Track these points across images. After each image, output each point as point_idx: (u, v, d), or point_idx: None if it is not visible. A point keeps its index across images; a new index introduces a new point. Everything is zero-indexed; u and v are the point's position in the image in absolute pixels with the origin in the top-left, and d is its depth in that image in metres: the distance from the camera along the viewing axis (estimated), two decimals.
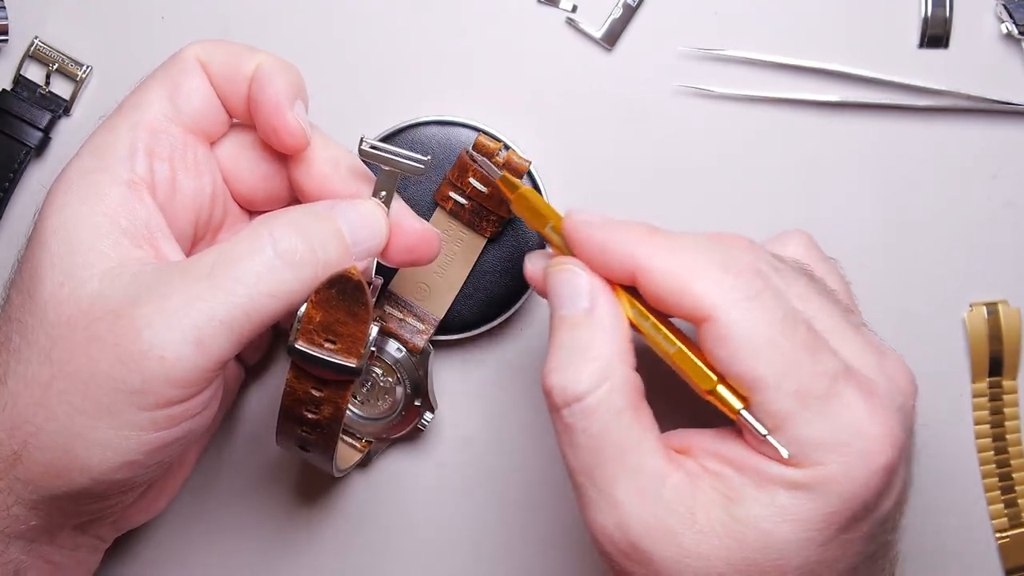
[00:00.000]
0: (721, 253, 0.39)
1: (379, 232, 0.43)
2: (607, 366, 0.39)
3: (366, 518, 0.54)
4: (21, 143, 0.51)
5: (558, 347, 0.40)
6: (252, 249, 0.40)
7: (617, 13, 0.52)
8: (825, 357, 0.38)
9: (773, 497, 0.37)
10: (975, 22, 0.52)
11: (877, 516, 0.38)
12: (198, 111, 0.44)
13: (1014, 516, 0.53)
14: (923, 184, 0.52)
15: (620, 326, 0.40)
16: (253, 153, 0.45)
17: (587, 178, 0.52)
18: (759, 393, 0.37)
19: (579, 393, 0.39)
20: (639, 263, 0.39)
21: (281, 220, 0.41)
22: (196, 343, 0.38)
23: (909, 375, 0.41)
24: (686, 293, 0.38)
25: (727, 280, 0.38)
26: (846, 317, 0.40)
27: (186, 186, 0.44)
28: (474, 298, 0.51)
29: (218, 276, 0.39)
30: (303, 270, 0.40)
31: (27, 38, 0.52)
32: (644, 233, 0.40)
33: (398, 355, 0.50)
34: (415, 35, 0.52)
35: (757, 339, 0.37)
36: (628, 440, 0.38)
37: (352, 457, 0.51)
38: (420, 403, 0.51)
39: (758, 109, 0.52)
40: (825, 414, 0.37)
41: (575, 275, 0.41)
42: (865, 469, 0.37)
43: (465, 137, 0.50)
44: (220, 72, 0.44)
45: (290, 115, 0.43)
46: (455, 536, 0.54)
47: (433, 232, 0.45)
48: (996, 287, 0.53)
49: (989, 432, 0.53)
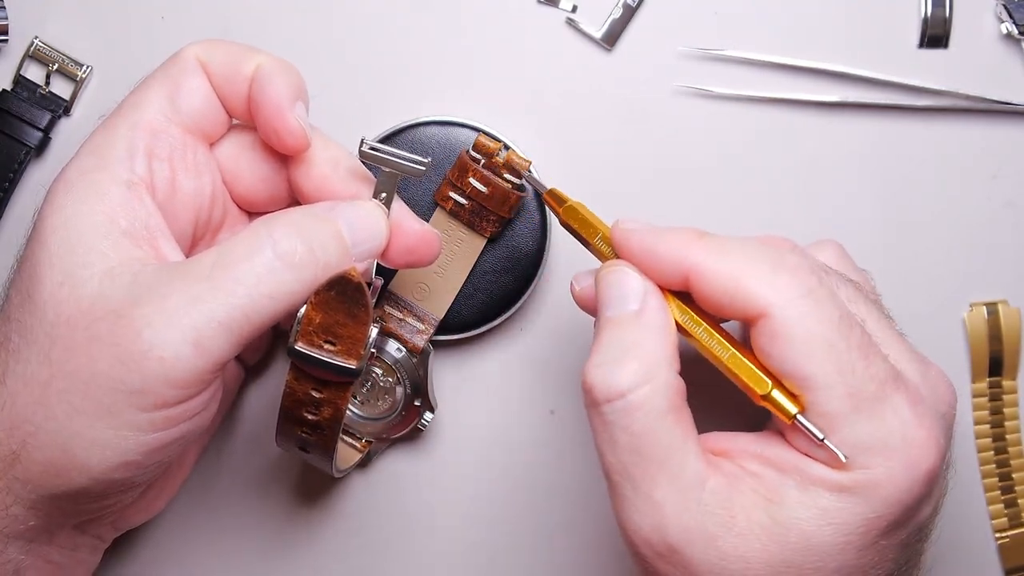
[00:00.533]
0: (772, 253, 0.39)
1: (379, 233, 0.43)
2: (653, 366, 0.39)
3: (366, 518, 0.54)
4: (21, 143, 0.51)
5: (603, 345, 0.40)
6: (252, 250, 0.39)
7: (617, 13, 0.52)
8: (877, 361, 0.38)
9: (816, 499, 0.37)
10: (975, 22, 0.52)
11: (916, 523, 0.39)
12: (198, 111, 0.44)
13: (1014, 516, 0.53)
14: (923, 184, 0.52)
15: (668, 330, 0.40)
16: (253, 154, 0.45)
17: (587, 178, 0.52)
18: (811, 392, 0.37)
19: (622, 390, 0.38)
20: (691, 265, 0.39)
21: (281, 221, 0.40)
22: (195, 344, 0.38)
23: (951, 386, 0.41)
24: (740, 291, 0.38)
25: (781, 278, 0.38)
26: (891, 324, 0.41)
27: (185, 186, 0.44)
28: (474, 298, 0.51)
29: (218, 277, 0.39)
30: (303, 271, 0.40)
31: (27, 38, 0.52)
32: (694, 236, 0.40)
33: (398, 355, 0.50)
34: (415, 35, 0.52)
35: (813, 337, 0.37)
36: (669, 442, 0.38)
37: (352, 457, 0.51)
38: (420, 403, 0.51)
39: (758, 109, 0.52)
40: (874, 417, 0.37)
41: (627, 276, 0.41)
42: (910, 475, 0.37)
43: (465, 137, 0.50)
44: (220, 72, 0.44)
45: (291, 116, 0.43)
46: (455, 536, 0.54)
47: (433, 233, 0.45)
48: (996, 287, 0.53)
49: (989, 432, 0.53)
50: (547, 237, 0.50)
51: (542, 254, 0.51)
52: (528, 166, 0.49)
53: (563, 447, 0.53)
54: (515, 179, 0.49)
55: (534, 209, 0.50)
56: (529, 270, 0.51)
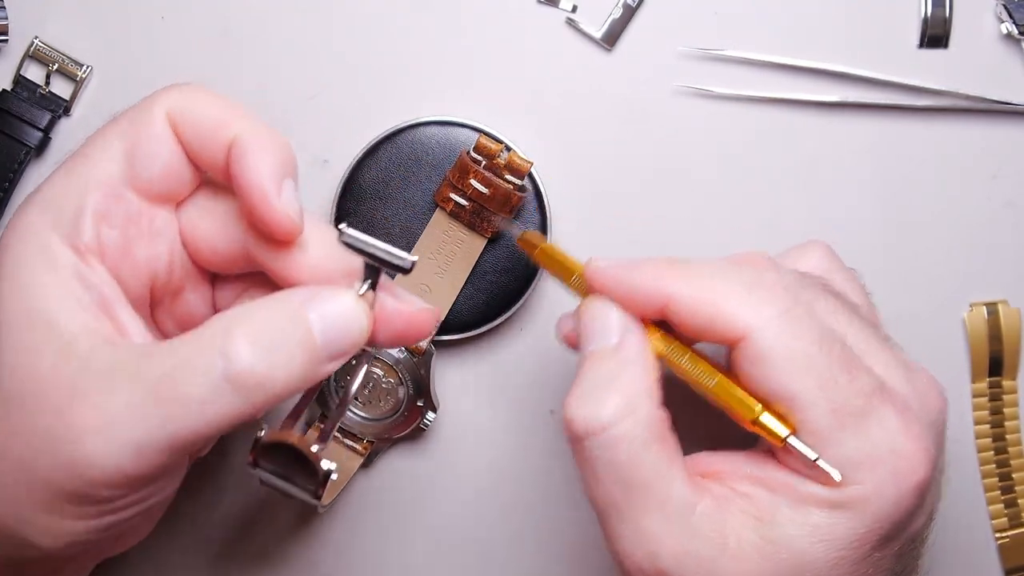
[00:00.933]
0: (746, 273, 0.39)
1: (357, 332, 0.38)
2: (633, 400, 0.38)
3: (368, 518, 0.54)
4: (21, 143, 0.51)
5: (583, 379, 0.40)
6: (200, 368, 0.36)
7: (617, 13, 0.52)
8: (861, 374, 0.37)
9: (807, 516, 0.37)
10: (975, 22, 0.52)
11: (909, 534, 0.38)
12: (159, 178, 0.40)
13: (1014, 516, 0.53)
14: (923, 184, 0.52)
15: (649, 362, 0.40)
16: (221, 218, 0.41)
17: (587, 178, 0.52)
18: (797, 412, 0.37)
19: (603, 424, 0.38)
20: (667, 293, 0.39)
21: (241, 328, 0.36)
22: (136, 456, 0.36)
23: (939, 390, 0.41)
24: (718, 316, 0.38)
25: (757, 299, 0.38)
26: (875, 332, 0.40)
27: (139, 254, 0.40)
28: (475, 298, 0.51)
29: (163, 393, 0.35)
30: (255, 394, 0.36)
31: (27, 38, 0.52)
32: (668, 265, 0.40)
33: (399, 355, 0.50)
34: (415, 35, 0.52)
35: (794, 355, 0.37)
36: (654, 472, 0.38)
37: (348, 472, 0.51)
38: (422, 403, 0.51)
39: (758, 109, 0.52)
40: (861, 432, 0.37)
41: (606, 310, 0.40)
42: (899, 487, 0.37)
43: (465, 137, 0.50)
44: (193, 134, 0.39)
45: (277, 202, 0.38)
46: (457, 535, 0.54)
47: (425, 314, 0.41)
48: (996, 287, 0.53)
49: (989, 432, 0.53)
50: (548, 237, 0.50)
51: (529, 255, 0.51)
52: (530, 167, 0.49)
53: (563, 447, 0.53)
54: (516, 180, 0.49)
55: (534, 209, 0.50)
56: (529, 270, 0.51)
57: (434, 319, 0.41)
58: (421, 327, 0.41)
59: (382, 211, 0.50)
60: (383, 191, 0.51)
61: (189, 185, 0.41)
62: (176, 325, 0.42)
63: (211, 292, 0.43)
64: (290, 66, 0.52)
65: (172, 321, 0.43)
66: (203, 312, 0.43)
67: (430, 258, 0.50)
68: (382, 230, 0.50)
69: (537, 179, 0.50)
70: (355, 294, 0.38)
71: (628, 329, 0.40)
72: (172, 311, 0.43)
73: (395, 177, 0.51)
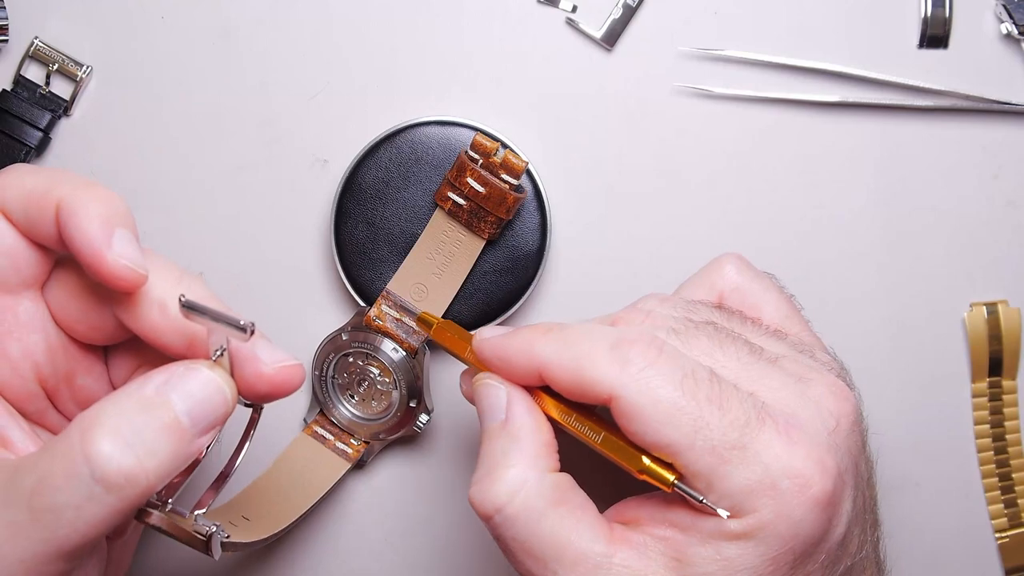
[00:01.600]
0: (610, 334, 0.39)
1: (222, 404, 0.38)
2: (522, 474, 0.39)
3: (362, 520, 0.54)
4: (21, 143, 0.51)
5: (481, 460, 0.41)
6: (67, 473, 0.35)
7: (617, 13, 0.52)
8: (733, 405, 0.38)
9: (719, 550, 0.38)
10: (975, 22, 0.52)
11: (829, 545, 0.38)
12: (6, 269, 0.39)
13: (1014, 516, 0.53)
14: (923, 184, 0.52)
15: (534, 433, 0.40)
16: (83, 290, 0.40)
17: (587, 178, 0.52)
18: (677, 457, 0.38)
19: (499, 504, 0.39)
20: (540, 361, 0.40)
21: (99, 428, 0.35)
22: (28, 573, 0.35)
23: (840, 392, 0.40)
24: (585, 380, 0.39)
25: (619, 357, 0.38)
26: (758, 357, 0.40)
27: (13, 350, 0.40)
28: (474, 298, 0.51)
29: (36, 507, 0.35)
30: (128, 490, 0.35)
31: (27, 38, 0.52)
32: (540, 333, 0.41)
33: (395, 356, 0.50)
34: (415, 35, 0.52)
35: (660, 406, 0.37)
36: (560, 536, 0.39)
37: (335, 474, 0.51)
38: (416, 404, 0.51)
39: (758, 109, 0.52)
40: (745, 461, 0.37)
41: (492, 388, 0.42)
42: (798, 505, 0.37)
43: (465, 137, 0.50)
44: (21, 214, 0.39)
45: (109, 255, 0.37)
46: (451, 538, 0.54)
47: (289, 368, 0.40)
48: (996, 287, 0.53)
49: (989, 432, 0.53)
50: (547, 237, 0.50)
51: (542, 254, 0.51)
52: (525, 166, 0.49)
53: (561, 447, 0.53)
54: (512, 179, 0.49)
55: (534, 209, 0.50)
56: (529, 270, 0.51)
57: (300, 373, 0.40)
58: (285, 383, 0.40)
59: (382, 211, 0.51)
60: (383, 191, 0.51)
61: (41, 266, 0.40)
62: (81, 410, 0.40)
63: (106, 370, 0.43)
64: (290, 66, 0.52)
65: (78, 408, 0.42)
66: (103, 392, 0.43)
67: (429, 258, 0.50)
68: (382, 230, 0.51)
69: (537, 179, 0.50)
70: (211, 364, 0.38)
71: (513, 403, 0.41)
72: (74, 397, 0.42)
73: (395, 177, 0.51)
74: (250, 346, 0.39)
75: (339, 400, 0.51)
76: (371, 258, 0.51)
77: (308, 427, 0.52)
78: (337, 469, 0.51)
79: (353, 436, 0.52)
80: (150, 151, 0.53)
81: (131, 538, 0.44)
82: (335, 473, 0.51)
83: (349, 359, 0.51)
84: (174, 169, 0.53)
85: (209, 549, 0.39)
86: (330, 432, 0.52)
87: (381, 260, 0.51)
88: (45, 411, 0.42)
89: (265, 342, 0.40)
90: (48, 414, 0.42)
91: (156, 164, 0.53)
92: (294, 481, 0.51)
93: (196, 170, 0.53)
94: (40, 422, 0.42)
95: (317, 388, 0.51)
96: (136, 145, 0.52)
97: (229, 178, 0.53)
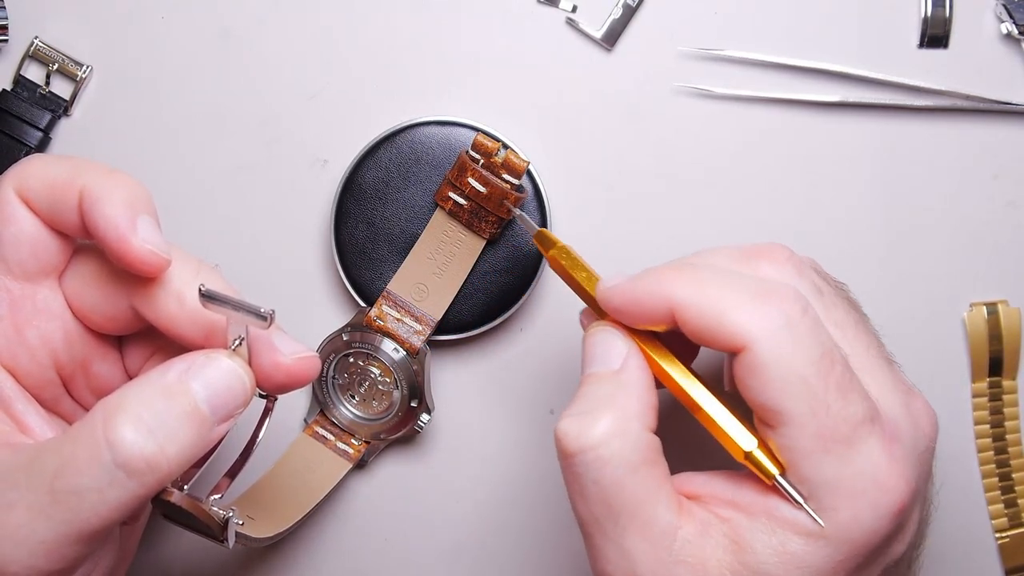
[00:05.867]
0: (753, 282, 0.38)
1: (241, 393, 0.39)
2: (626, 421, 0.38)
3: (363, 519, 0.54)
4: (21, 143, 0.51)
5: (580, 397, 0.40)
6: (89, 458, 0.36)
7: (617, 13, 0.52)
8: (855, 399, 0.37)
9: (784, 544, 0.37)
10: (975, 22, 0.52)
11: (887, 560, 0.38)
12: (27, 257, 0.40)
13: (1014, 516, 0.53)
14: (923, 184, 0.52)
15: (646, 389, 0.40)
16: (101, 279, 0.41)
17: (587, 178, 0.52)
18: (782, 426, 0.37)
19: (592, 443, 0.38)
20: (672, 302, 0.39)
21: (123, 414, 0.36)
22: (48, 555, 0.36)
23: (933, 417, 0.40)
24: (721, 326, 0.37)
25: (761, 309, 0.37)
26: (881, 351, 0.40)
27: (32, 337, 0.40)
28: (474, 298, 0.51)
29: (59, 491, 0.36)
30: (148, 476, 0.36)
31: (27, 38, 0.52)
32: (674, 271, 0.39)
33: (395, 355, 0.50)
34: (415, 35, 0.52)
35: (790, 374, 0.37)
36: (640, 494, 0.38)
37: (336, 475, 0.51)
38: (417, 404, 0.51)
39: (758, 109, 0.52)
40: (844, 459, 0.37)
41: (611, 336, 0.41)
42: (877, 517, 0.37)
43: (465, 137, 0.50)
44: (44, 205, 0.39)
45: (135, 240, 0.38)
46: (452, 537, 0.54)
47: (306, 360, 0.40)
48: (996, 287, 0.53)
49: (989, 432, 0.53)
50: None
51: (542, 254, 0.51)
52: (526, 166, 0.49)
53: None
54: (513, 179, 0.49)
55: (534, 209, 0.50)
56: (529, 270, 0.51)
57: (316, 364, 0.41)
58: (301, 374, 0.40)
59: (382, 211, 0.51)
60: (383, 191, 0.51)
61: (61, 254, 0.41)
62: (97, 399, 0.41)
63: (120, 359, 0.43)
64: (290, 66, 0.52)
65: (92, 396, 0.43)
66: (118, 380, 0.43)
67: (429, 258, 0.50)
68: (382, 230, 0.51)
69: (537, 179, 0.50)
70: (230, 353, 0.39)
71: (631, 356, 0.40)
72: (89, 385, 0.43)
73: (395, 177, 0.51)
74: (268, 336, 0.39)
75: (340, 400, 0.51)
76: (371, 258, 0.51)
77: (309, 427, 0.52)
78: (338, 469, 0.52)
79: (354, 436, 0.52)
80: (150, 151, 0.53)
81: (139, 525, 0.45)
82: (336, 473, 0.51)
83: (350, 359, 0.51)
84: (174, 169, 0.53)
85: (224, 533, 0.39)
86: (331, 432, 0.52)
87: (381, 260, 0.51)
88: (60, 398, 0.42)
89: (281, 333, 0.40)
90: (63, 401, 0.43)
91: (156, 164, 0.53)
92: (295, 481, 0.51)
93: (196, 170, 0.53)
94: (55, 409, 0.43)
95: (317, 388, 0.51)
96: (136, 145, 0.52)
97: (229, 178, 0.53)
